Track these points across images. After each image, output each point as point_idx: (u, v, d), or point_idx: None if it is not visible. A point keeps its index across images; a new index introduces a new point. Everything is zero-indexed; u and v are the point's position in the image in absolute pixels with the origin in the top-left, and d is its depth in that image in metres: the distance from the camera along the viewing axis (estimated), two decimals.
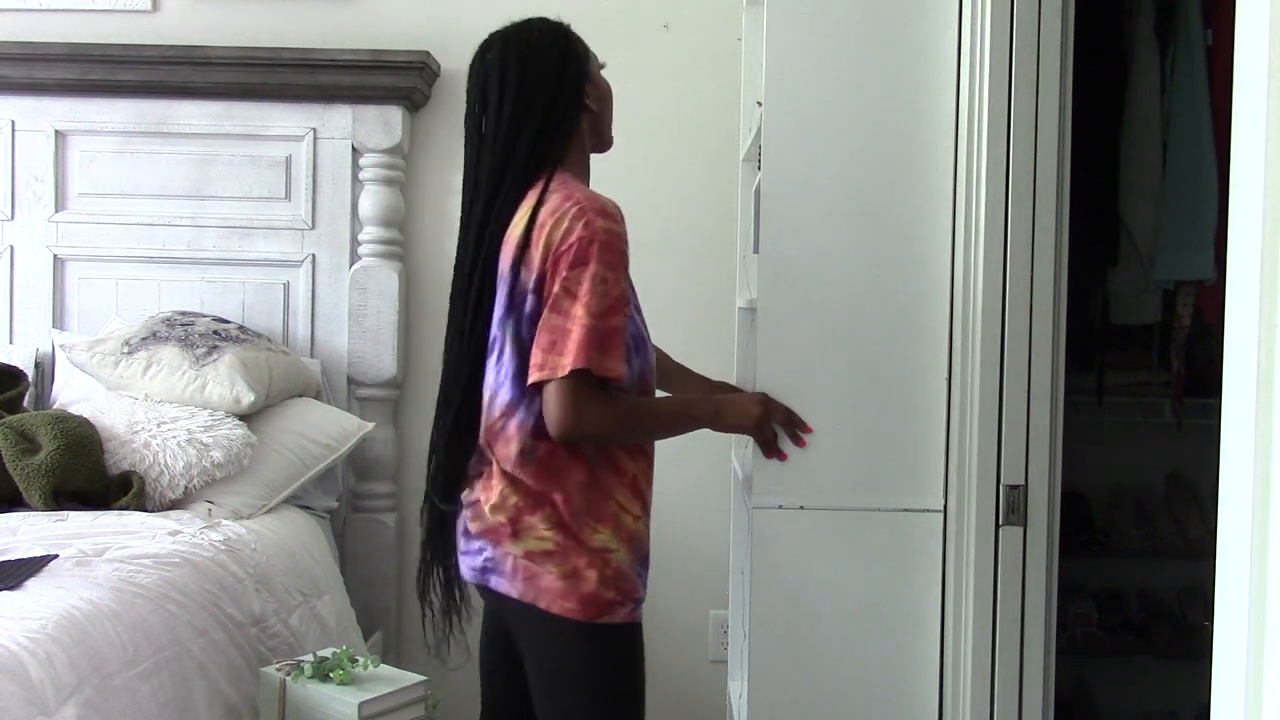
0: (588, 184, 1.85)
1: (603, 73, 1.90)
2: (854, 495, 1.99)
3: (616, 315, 1.70)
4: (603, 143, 1.91)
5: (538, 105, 1.78)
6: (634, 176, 1.96)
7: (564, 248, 1.69)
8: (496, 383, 1.76)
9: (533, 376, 1.69)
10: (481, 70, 1.83)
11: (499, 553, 1.76)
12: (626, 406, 1.77)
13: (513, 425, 1.75)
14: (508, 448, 1.75)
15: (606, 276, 1.69)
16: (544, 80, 1.79)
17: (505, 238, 1.76)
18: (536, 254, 1.71)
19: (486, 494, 1.76)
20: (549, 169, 1.78)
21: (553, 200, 1.73)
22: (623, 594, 1.76)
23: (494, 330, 1.76)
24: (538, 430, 1.73)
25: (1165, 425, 2.98)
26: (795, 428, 1.96)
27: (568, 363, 1.66)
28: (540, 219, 1.72)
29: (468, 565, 1.82)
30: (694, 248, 2.99)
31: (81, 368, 2.76)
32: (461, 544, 1.83)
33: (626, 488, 1.78)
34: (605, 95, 1.88)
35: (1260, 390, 0.87)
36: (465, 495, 1.82)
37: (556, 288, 1.69)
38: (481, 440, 1.79)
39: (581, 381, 1.67)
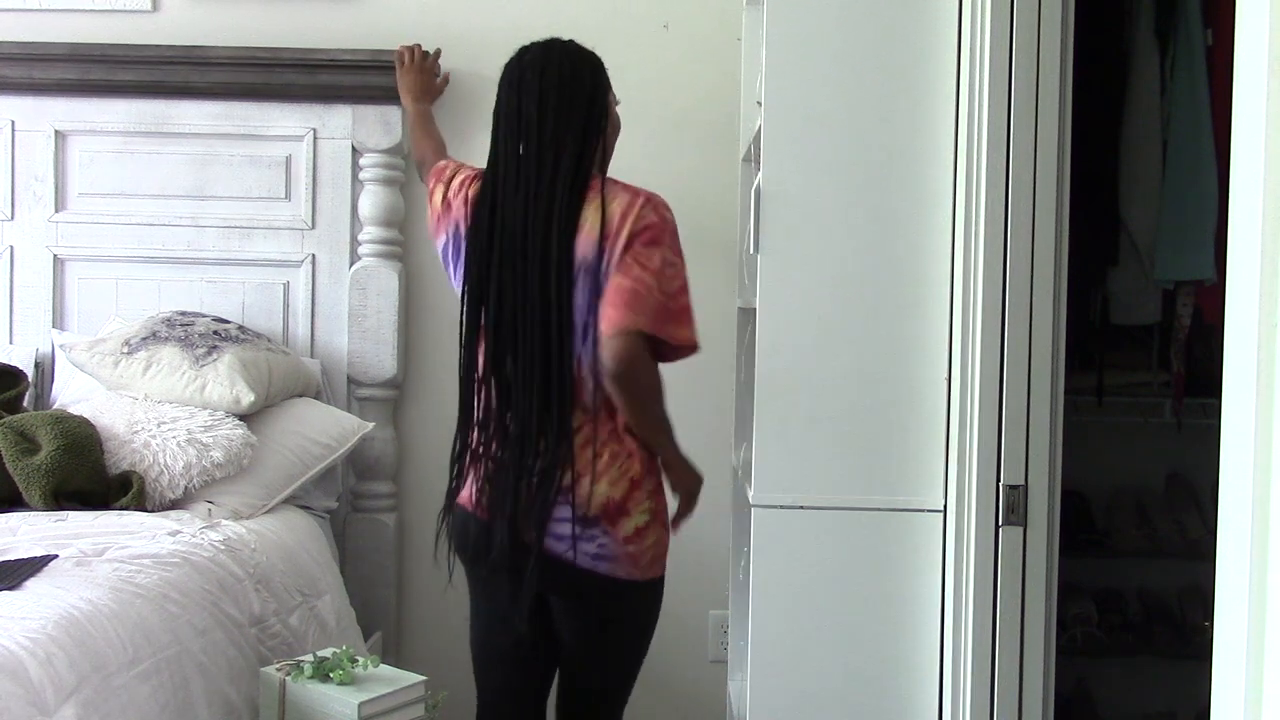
0: None
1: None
2: (854, 495, 1.99)
3: (684, 296, 1.93)
4: (605, 166, 2.07)
5: (576, 111, 1.94)
6: (633, 176, 1.97)
7: (639, 228, 1.89)
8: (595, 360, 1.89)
9: (614, 326, 1.84)
10: (519, 70, 1.96)
11: (612, 539, 1.89)
12: (662, 391, 1.95)
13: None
14: (615, 419, 1.90)
15: (675, 261, 1.92)
16: (579, 94, 1.95)
17: (577, 237, 1.90)
18: (620, 243, 1.88)
19: (598, 476, 1.88)
20: (598, 173, 1.95)
21: (622, 197, 1.92)
22: None
23: (583, 316, 1.88)
24: None
25: (1165, 425, 2.97)
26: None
27: (644, 324, 1.85)
28: (617, 212, 1.90)
29: (570, 548, 1.89)
30: (694, 248, 2.97)
31: (81, 368, 2.76)
32: (567, 529, 1.89)
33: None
34: (617, 127, 2.07)
35: (1260, 390, 0.87)
36: (568, 481, 1.89)
37: (629, 258, 1.86)
38: (578, 425, 1.90)
39: (647, 343, 1.86)
